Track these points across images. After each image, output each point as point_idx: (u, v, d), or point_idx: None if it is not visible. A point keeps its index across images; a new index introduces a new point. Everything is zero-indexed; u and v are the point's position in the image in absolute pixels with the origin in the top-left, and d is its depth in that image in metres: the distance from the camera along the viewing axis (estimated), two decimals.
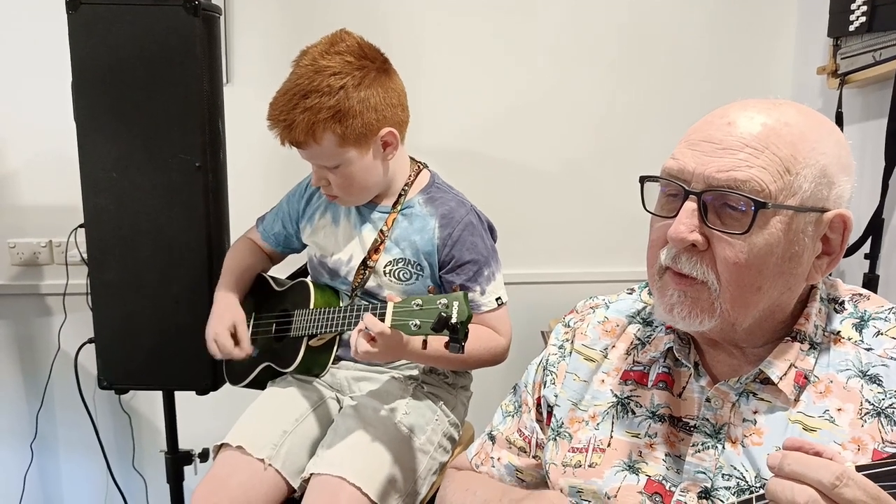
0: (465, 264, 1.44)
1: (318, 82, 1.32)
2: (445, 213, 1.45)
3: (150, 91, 1.58)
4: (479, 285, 1.44)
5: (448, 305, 1.12)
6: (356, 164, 1.38)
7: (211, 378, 1.70)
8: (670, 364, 0.92)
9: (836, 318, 0.85)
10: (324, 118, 1.32)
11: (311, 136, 1.33)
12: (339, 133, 1.33)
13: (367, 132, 1.36)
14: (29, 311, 2.25)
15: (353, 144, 1.36)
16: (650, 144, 2.15)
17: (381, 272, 1.46)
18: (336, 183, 1.40)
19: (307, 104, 1.31)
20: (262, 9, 2.13)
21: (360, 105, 1.34)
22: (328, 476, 1.31)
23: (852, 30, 1.78)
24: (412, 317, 1.14)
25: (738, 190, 0.76)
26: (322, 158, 1.37)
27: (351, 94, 1.32)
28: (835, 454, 0.65)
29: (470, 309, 1.12)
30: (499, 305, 1.46)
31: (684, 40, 2.21)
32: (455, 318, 1.10)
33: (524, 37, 2.19)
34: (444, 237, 1.43)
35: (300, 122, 1.32)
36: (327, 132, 1.33)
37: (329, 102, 1.31)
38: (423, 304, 1.15)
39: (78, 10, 1.55)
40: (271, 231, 1.64)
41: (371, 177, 1.42)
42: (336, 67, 1.33)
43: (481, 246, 1.45)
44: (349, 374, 1.55)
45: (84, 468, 2.33)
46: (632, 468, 0.89)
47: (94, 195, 1.62)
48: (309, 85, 1.32)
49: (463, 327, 1.11)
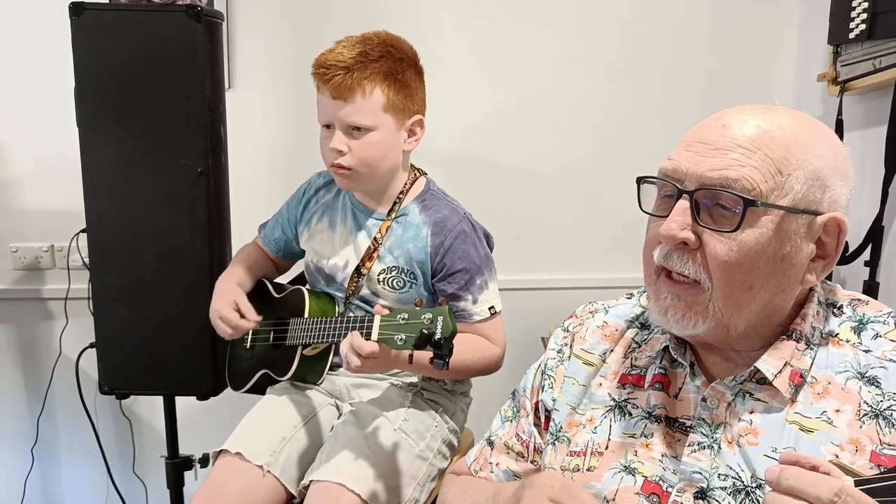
0: (457, 273, 1.43)
1: (386, 48, 1.37)
2: (438, 220, 1.44)
3: (152, 96, 1.58)
4: (471, 294, 1.43)
5: (432, 321, 1.10)
6: (385, 133, 1.39)
7: (211, 383, 1.70)
8: (666, 365, 0.92)
9: (834, 320, 0.85)
10: (384, 76, 1.35)
11: (365, 87, 1.34)
12: (389, 96, 1.36)
13: (407, 110, 1.40)
14: (30, 316, 2.25)
15: (393, 113, 1.38)
16: (651, 151, 2.15)
17: (374, 280, 1.46)
18: (358, 150, 1.38)
19: (373, 56, 1.35)
20: (265, 14, 2.14)
21: (414, 83, 1.41)
22: (328, 483, 1.31)
23: (852, 37, 1.79)
24: (398, 331, 1.13)
25: (730, 188, 0.77)
26: (359, 115, 1.36)
27: (408, 69, 1.39)
28: (832, 468, 0.65)
29: (454, 324, 1.10)
30: (492, 315, 1.45)
31: (685, 46, 2.22)
32: (439, 334, 1.08)
33: (524, 40, 2.20)
34: (437, 245, 1.43)
35: (361, 69, 1.34)
36: (379, 89, 1.35)
37: (392, 66, 1.36)
38: (408, 318, 1.13)
39: (81, 16, 1.56)
40: (272, 237, 1.64)
41: (388, 158, 1.42)
42: (402, 43, 1.41)
43: (473, 254, 1.44)
44: (348, 381, 1.55)
45: (85, 473, 2.33)
46: (628, 469, 0.89)
47: (96, 200, 1.63)
48: (378, 46, 1.36)
49: (447, 343, 1.08)
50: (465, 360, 1.37)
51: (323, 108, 1.40)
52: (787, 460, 0.67)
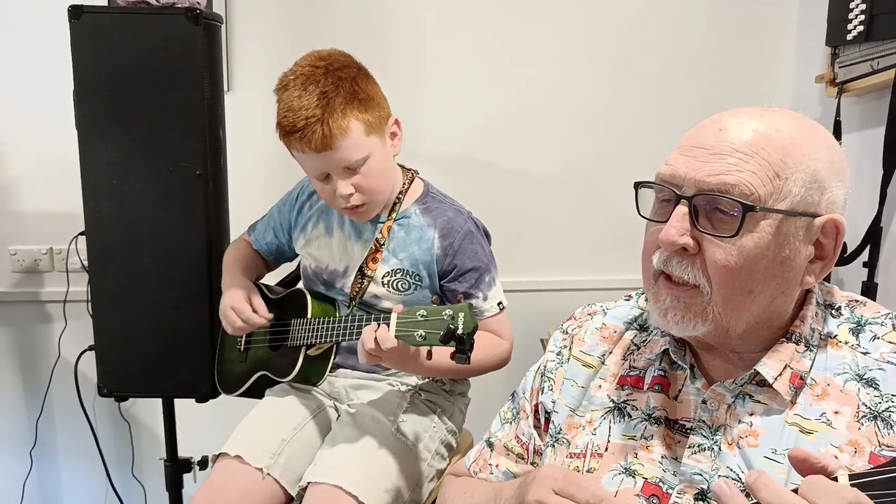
0: (468, 272, 1.44)
1: (333, 74, 1.32)
2: (444, 223, 1.45)
3: (151, 98, 1.59)
4: (482, 292, 1.45)
5: (454, 317, 1.12)
6: (379, 154, 1.38)
7: (210, 385, 1.70)
8: (666, 367, 0.92)
9: (833, 322, 0.85)
10: (349, 103, 1.31)
11: (343, 127, 1.30)
12: (365, 120, 1.34)
13: (381, 120, 1.38)
14: (29, 319, 2.25)
15: (374, 132, 1.36)
16: (650, 152, 2.15)
17: (379, 282, 1.46)
18: (364, 184, 1.37)
19: (330, 92, 1.30)
20: (264, 17, 2.14)
21: (371, 89, 1.37)
22: (325, 485, 1.31)
23: (850, 39, 1.79)
24: (417, 327, 1.14)
25: (728, 194, 0.77)
26: (350, 153, 1.33)
27: (359, 80, 1.35)
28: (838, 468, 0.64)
29: (475, 320, 1.12)
30: (500, 310, 1.47)
31: (685, 47, 2.22)
32: (461, 330, 1.10)
33: (524, 42, 2.20)
34: (445, 247, 1.44)
35: (330, 112, 1.30)
36: (355, 120, 1.32)
37: (349, 88, 1.32)
38: (427, 315, 1.14)
39: (80, 19, 1.56)
40: (263, 240, 1.63)
41: (389, 172, 1.43)
42: (339, 61, 1.35)
43: (481, 253, 1.46)
44: (347, 383, 1.55)
45: (83, 475, 2.33)
46: (628, 471, 0.89)
47: (95, 202, 1.63)
48: (325, 77, 1.32)
49: (469, 338, 1.11)
50: (479, 359, 1.37)
51: (310, 164, 1.38)
52: (795, 456, 0.66)
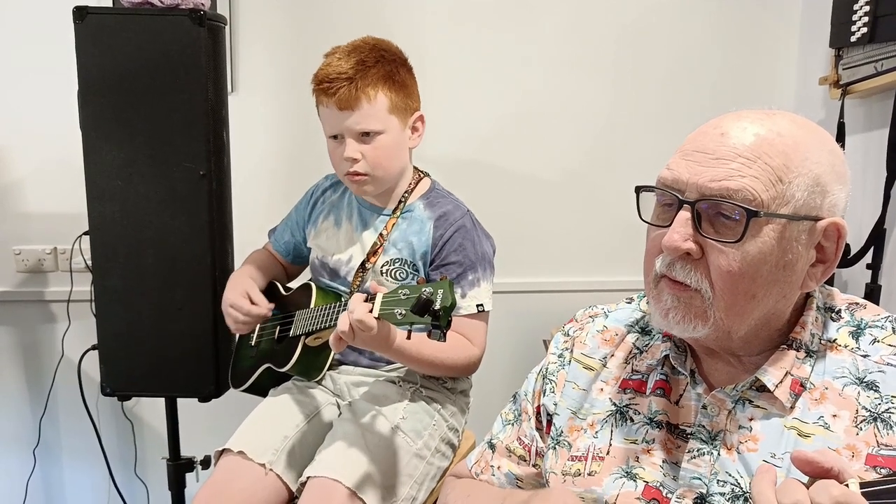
0: (450, 265, 1.45)
1: (379, 53, 1.42)
2: (441, 214, 1.48)
3: (155, 100, 1.59)
4: (461, 288, 1.45)
5: (433, 292, 1.10)
6: (392, 134, 1.43)
7: (213, 385, 1.71)
8: (668, 372, 0.92)
9: (833, 326, 0.85)
10: (384, 79, 1.40)
11: (369, 93, 1.38)
12: (392, 98, 1.41)
13: (408, 108, 1.46)
14: (33, 318, 2.26)
15: (397, 114, 1.43)
16: (652, 154, 2.15)
17: (378, 272, 1.48)
18: (371, 155, 1.42)
19: (369, 63, 1.39)
20: (268, 18, 2.15)
21: (409, 81, 1.46)
22: (324, 479, 1.31)
23: (854, 40, 1.79)
24: (398, 305, 1.14)
25: (731, 199, 0.76)
26: (367, 121, 1.40)
27: (402, 68, 1.45)
28: (844, 468, 0.64)
29: (454, 297, 1.10)
30: (478, 311, 1.46)
31: (686, 50, 2.22)
32: (438, 304, 1.09)
33: (525, 47, 2.20)
34: (437, 237, 1.46)
35: (362, 77, 1.38)
36: (382, 93, 1.40)
37: (389, 69, 1.41)
38: (409, 294, 1.14)
39: (85, 20, 1.56)
40: (282, 240, 1.67)
41: (398, 158, 1.47)
42: (389, 47, 1.45)
43: (470, 250, 1.46)
44: (349, 380, 1.55)
45: (86, 474, 2.34)
46: (629, 474, 0.89)
47: (98, 203, 1.64)
48: (371, 52, 1.41)
49: (446, 314, 1.09)
50: (442, 357, 1.38)
51: (330, 121, 1.43)
52: (798, 458, 0.66)
